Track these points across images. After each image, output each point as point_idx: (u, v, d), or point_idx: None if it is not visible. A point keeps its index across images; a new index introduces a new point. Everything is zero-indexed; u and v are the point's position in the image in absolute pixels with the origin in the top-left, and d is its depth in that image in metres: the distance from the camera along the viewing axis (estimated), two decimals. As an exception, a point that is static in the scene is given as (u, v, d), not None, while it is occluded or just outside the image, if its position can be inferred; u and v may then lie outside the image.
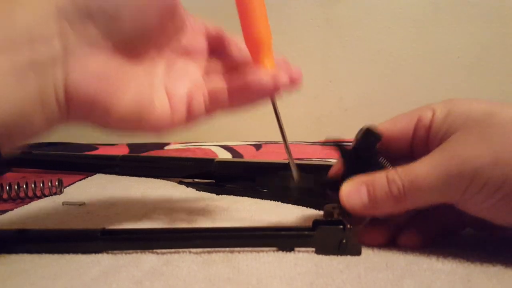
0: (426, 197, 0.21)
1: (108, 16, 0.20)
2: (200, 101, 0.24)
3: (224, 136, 0.97)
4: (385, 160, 0.23)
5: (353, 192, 0.22)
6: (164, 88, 0.24)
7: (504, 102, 0.21)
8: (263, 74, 0.23)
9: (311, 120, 0.95)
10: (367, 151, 0.23)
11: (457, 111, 0.21)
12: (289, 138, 0.27)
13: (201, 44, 0.26)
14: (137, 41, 0.22)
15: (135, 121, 0.23)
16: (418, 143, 0.23)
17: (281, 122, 0.26)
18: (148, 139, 0.87)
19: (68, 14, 0.20)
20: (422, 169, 0.21)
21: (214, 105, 0.25)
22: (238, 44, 0.27)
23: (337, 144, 0.24)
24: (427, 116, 0.22)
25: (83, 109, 0.21)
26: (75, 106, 0.21)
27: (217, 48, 0.26)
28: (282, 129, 0.26)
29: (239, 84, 0.23)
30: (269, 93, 0.24)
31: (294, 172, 0.26)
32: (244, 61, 0.26)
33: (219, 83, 0.24)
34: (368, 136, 0.23)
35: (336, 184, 0.24)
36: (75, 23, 0.20)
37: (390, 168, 0.23)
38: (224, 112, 0.26)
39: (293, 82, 0.24)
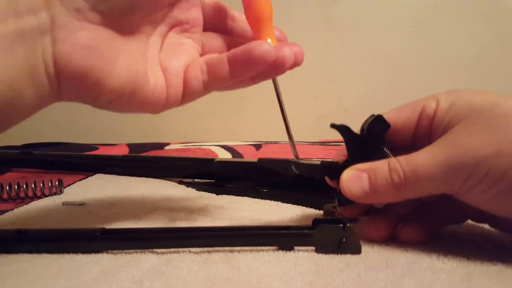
0: (427, 187, 0.21)
1: None
2: (197, 75, 0.23)
3: (224, 136, 0.97)
4: (388, 150, 0.23)
5: (354, 179, 0.22)
6: (159, 62, 0.23)
7: (509, 94, 0.21)
8: (267, 45, 0.22)
9: (311, 120, 0.95)
10: (374, 139, 0.23)
11: (461, 102, 0.21)
12: (289, 138, 0.27)
13: (197, 17, 0.25)
14: (128, 14, 0.21)
15: (128, 95, 0.22)
16: (421, 133, 0.23)
17: (282, 101, 0.26)
18: (148, 139, 0.87)
19: None
20: (424, 158, 0.20)
21: (213, 80, 0.23)
22: (237, 18, 0.26)
23: (345, 128, 0.24)
24: (431, 106, 0.22)
25: (74, 82, 0.21)
26: (66, 80, 0.20)
27: (214, 22, 0.25)
28: (283, 109, 0.26)
29: (241, 55, 0.22)
30: (273, 66, 0.22)
31: (295, 151, 0.26)
32: (244, 36, 0.25)
33: (218, 55, 0.23)
34: (377, 124, 0.23)
35: (337, 170, 0.23)
36: None
37: (392, 157, 0.22)
38: (222, 88, 0.24)
39: (296, 57, 0.24)
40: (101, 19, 0.21)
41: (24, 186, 0.36)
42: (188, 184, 0.40)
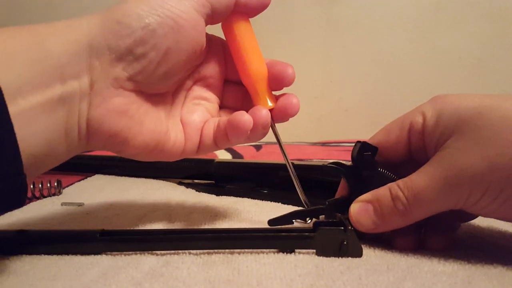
0: (431, 208, 0.21)
1: (136, 59, 0.21)
2: (211, 132, 0.25)
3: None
4: (386, 170, 0.23)
5: (361, 212, 0.22)
6: (180, 116, 0.25)
7: (493, 95, 0.20)
8: (244, 116, 0.23)
9: (311, 120, 0.95)
10: (366, 165, 0.23)
11: (447, 113, 0.21)
12: (290, 139, 0.27)
13: (220, 70, 0.26)
14: (161, 82, 0.23)
15: (151, 150, 0.24)
16: (416, 149, 0.23)
17: (284, 149, 0.27)
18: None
19: (99, 52, 0.21)
20: (423, 182, 0.21)
21: (219, 141, 0.25)
22: None
23: (337, 165, 0.24)
24: (418, 121, 0.22)
25: (103, 140, 0.22)
26: (96, 138, 0.22)
27: (235, 72, 0.26)
28: (285, 155, 0.27)
29: (228, 125, 0.24)
30: (253, 131, 0.24)
31: (303, 198, 0.26)
32: None
33: (225, 119, 0.25)
34: (364, 151, 0.23)
35: (343, 204, 0.24)
36: (104, 62, 0.21)
37: (393, 177, 0.23)
38: (233, 145, 0.26)
39: (286, 112, 0.25)
40: (135, 87, 0.22)
41: (23, 187, 0.36)
42: (187, 185, 0.40)
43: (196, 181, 0.41)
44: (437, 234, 0.23)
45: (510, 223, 0.28)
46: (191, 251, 0.22)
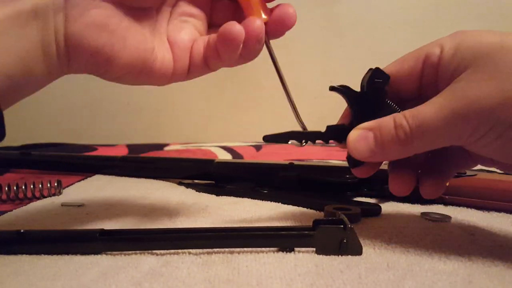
0: (433, 140, 0.20)
1: None
2: (200, 51, 0.23)
3: (224, 137, 0.97)
4: (393, 103, 0.22)
5: (360, 139, 0.22)
6: (167, 35, 0.24)
7: None
8: (236, 26, 0.22)
9: (311, 121, 0.95)
10: (375, 93, 0.22)
11: (466, 46, 0.20)
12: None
13: None
14: None
15: (137, 71, 0.22)
16: (427, 83, 0.22)
17: (280, 70, 0.25)
18: (148, 140, 0.87)
19: None
20: (429, 111, 0.20)
21: (210, 59, 0.23)
22: None
23: (344, 88, 0.23)
24: (435, 53, 0.21)
25: (84, 59, 0.21)
26: (76, 57, 0.21)
27: None
28: (281, 76, 0.25)
29: (218, 38, 0.22)
30: (247, 41, 0.22)
31: (299, 120, 0.25)
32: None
33: (215, 36, 0.23)
34: (376, 77, 0.22)
35: (343, 132, 0.23)
36: None
37: (398, 111, 0.21)
38: (226, 66, 0.24)
39: (282, 21, 0.23)
40: None
41: (23, 187, 0.36)
42: (187, 185, 0.40)
43: (196, 181, 0.41)
44: (431, 180, 0.22)
45: (509, 215, 0.28)
46: (191, 251, 0.22)
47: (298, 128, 0.26)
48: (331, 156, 0.57)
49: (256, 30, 0.22)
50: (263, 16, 0.23)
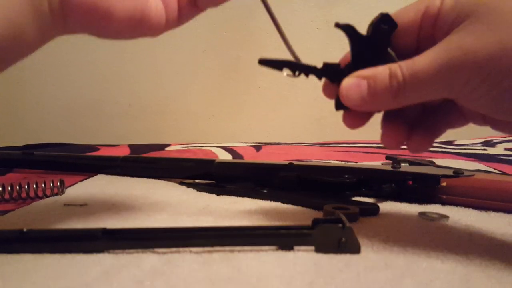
0: (426, 91, 0.20)
1: None
2: None
3: (224, 138, 0.97)
4: (394, 53, 0.22)
5: (354, 86, 0.21)
6: None
7: None
8: None
9: (311, 122, 0.95)
10: (380, 40, 0.22)
11: None
12: (289, 139, 0.27)
13: None
14: None
15: (135, 22, 0.22)
16: (425, 35, 0.21)
17: (272, 12, 0.25)
18: (149, 140, 0.87)
19: None
20: (424, 62, 0.19)
21: None
22: None
23: (349, 28, 0.22)
24: (434, 4, 0.20)
25: (81, 15, 0.20)
26: (72, 13, 0.20)
27: None
28: (274, 18, 0.25)
29: None
30: None
31: (292, 51, 0.24)
32: None
33: None
34: (384, 23, 0.22)
35: (338, 72, 0.23)
36: None
37: (396, 62, 0.21)
38: (212, 6, 0.24)
39: None
40: None
41: (26, 187, 0.36)
42: (188, 185, 0.40)
43: (197, 181, 0.41)
44: (420, 134, 0.22)
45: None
46: (192, 249, 0.23)
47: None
48: (330, 156, 0.57)
49: None
50: None
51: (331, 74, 0.23)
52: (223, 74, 0.96)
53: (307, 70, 0.24)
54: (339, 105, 0.23)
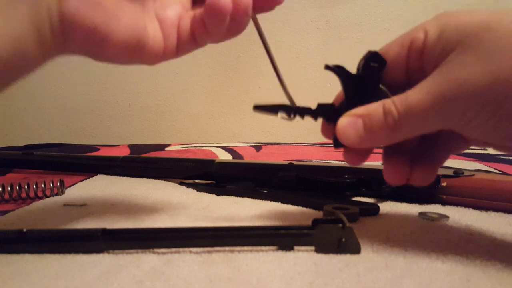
0: (422, 125, 0.20)
1: None
2: (188, 27, 0.24)
3: (225, 138, 0.97)
4: (386, 88, 0.22)
5: (350, 125, 0.22)
6: (155, 14, 0.24)
7: (504, 10, 0.19)
8: (225, 2, 0.22)
9: (310, 121, 0.95)
10: (370, 77, 0.22)
11: (451, 27, 0.19)
12: (289, 139, 0.28)
13: None
14: None
15: (131, 49, 0.22)
16: (414, 69, 0.22)
17: (267, 44, 0.25)
18: (149, 141, 0.87)
19: None
20: (417, 96, 0.19)
21: (198, 35, 0.24)
22: None
23: (338, 69, 0.23)
24: (419, 37, 0.21)
25: (80, 39, 0.21)
26: (72, 36, 0.20)
27: None
28: (268, 51, 0.25)
29: (204, 12, 0.22)
30: (234, 15, 0.22)
31: (288, 95, 0.25)
32: None
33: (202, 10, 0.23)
34: (373, 61, 0.22)
35: (333, 112, 0.23)
36: None
37: (389, 97, 0.21)
38: (216, 41, 0.24)
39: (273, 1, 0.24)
40: None
41: (26, 187, 0.36)
42: (188, 185, 0.40)
43: (197, 181, 0.41)
44: (422, 167, 0.22)
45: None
46: (192, 249, 0.23)
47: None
48: (330, 156, 0.57)
49: (243, 2, 0.22)
50: None
51: (326, 114, 0.24)
52: (223, 74, 0.96)
53: (302, 112, 0.24)
54: (337, 144, 0.23)
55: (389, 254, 0.22)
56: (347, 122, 0.22)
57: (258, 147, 0.68)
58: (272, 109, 0.24)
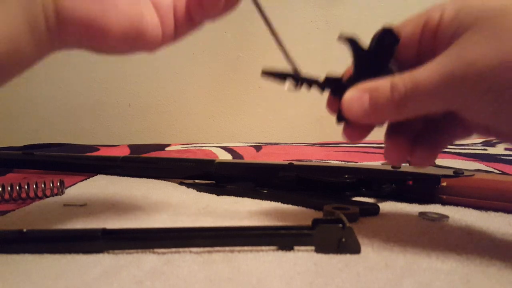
0: (428, 103, 0.20)
1: None
2: (182, 6, 0.23)
3: (225, 138, 0.97)
4: (396, 66, 0.22)
5: (355, 99, 0.21)
6: (150, 0, 0.24)
7: None
8: None
9: (310, 122, 0.95)
10: (383, 54, 0.22)
11: (467, 9, 0.19)
12: (289, 139, 0.28)
13: None
14: None
15: (131, 38, 0.22)
16: (425, 50, 0.21)
17: (267, 17, 0.25)
18: (149, 141, 0.87)
19: None
20: (426, 73, 0.19)
21: (194, 13, 0.23)
22: None
23: (353, 41, 0.22)
24: (434, 17, 0.20)
25: (78, 32, 0.20)
26: (69, 30, 0.20)
27: None
28: (269, 23, 0.25)
29: None
30: None
31: (291, 62, 0.24)
32: None
33: None
34: (387, 37, 0.22)
35: (339, 85, 0.23)
36: None
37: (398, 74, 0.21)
38: (211, 18, 0.24)
39: None
40: None
41: (26, 187, 0.36)
42: (188, 185, 0.40)
43: (197, 181, 0.41)
44: (423, 148, 0.22)
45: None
46: (192, 249, 0.23)
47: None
48: (330, 156, 0.57)
49: None
50: None
51: (333, 87, 0.23)
52: (223, 74, 0.96)
53: (310, 82, 0.24)
54: (340, 118, 0.23)
55: (389, 254, 0.22)
56: (353, 95, 0.22)
57: (258, 147, 0.68)
58: (280, 76, 0.24)
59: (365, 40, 0.23)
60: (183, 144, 0.77)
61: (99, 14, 0.20)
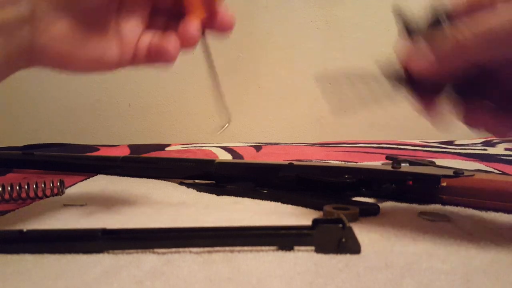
0: (493, 47, 0.19)
1: None
2: (144, 47, 0.26)
3: (224, 138, 0.97)
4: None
5: (417, 51, 0.21)
6: (115, 29, 0.25)
7: None
8: (172, 45, 0.25)
9: (310, 122, 0.95)
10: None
11: None
12: (289, 139, 0.27)
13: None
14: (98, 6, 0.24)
15: (91, 66, 0.25)
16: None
17: (211, 61, 0.28)
18: (149, 141, 0.87)
19: None
20: (492, 18, 0.19)
21: (154, 55, 0.26)
22: None
23: (405, 21, 0.22)
24: None
25: (47, 63, 0.23)
26: (39, 62, 0.23)
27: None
28: (211, 64, 0.28)
29: (159, 52, 0.25)
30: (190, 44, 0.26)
31: (225, 107, 0.27)
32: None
33: (155, 38, 0.26)
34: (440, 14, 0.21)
35: (401, 75, 0.22)
36: None
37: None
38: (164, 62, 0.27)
39: (222, 24, 0.27)
40: (76, 11, 0.23)
41: (26, 187, 0.36)
42: (188, 185, 0.40)
43: (197, 181, 0.41)
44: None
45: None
46: (192, 249, 0.23)
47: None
48: (330, 156, 0.57)
49: (191, 39, 0.25)
50: (202, 13, 0.25)
51: (396, 76, 0.23)
52: (223, 74, 0.96)
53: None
54: (405, 79, 0.22)
55: (389, 254, 0.22)
56: (413, 48, 0.21)
57: (258, 147, 0.68)
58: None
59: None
60: (183, 144, 0.77)
61: (68, 52, 0.23)
